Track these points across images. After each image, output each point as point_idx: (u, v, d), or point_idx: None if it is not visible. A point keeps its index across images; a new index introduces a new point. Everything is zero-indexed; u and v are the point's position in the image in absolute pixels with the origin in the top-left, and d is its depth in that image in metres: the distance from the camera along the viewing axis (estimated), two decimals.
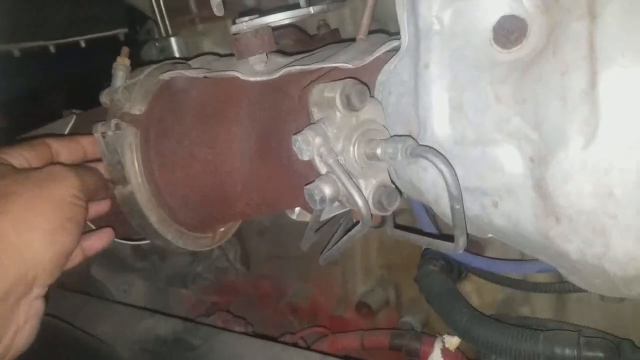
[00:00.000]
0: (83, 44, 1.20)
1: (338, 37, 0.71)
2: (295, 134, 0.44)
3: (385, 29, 0.67)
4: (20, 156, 0.47)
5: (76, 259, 0.51)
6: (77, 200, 0.44)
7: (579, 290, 0.44)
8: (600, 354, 0.56)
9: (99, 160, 0.58)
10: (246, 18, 0.51)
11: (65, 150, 0.53)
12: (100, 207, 0.57)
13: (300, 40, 0.66)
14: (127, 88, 0.58)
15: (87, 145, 0.55)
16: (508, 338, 0.60)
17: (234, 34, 0.52)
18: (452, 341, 0.74)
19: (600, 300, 0.56)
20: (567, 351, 0.57)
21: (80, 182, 0.45)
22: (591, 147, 0.32)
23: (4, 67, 0.67)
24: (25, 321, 0.42)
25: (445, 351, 0.74)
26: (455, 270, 0.76)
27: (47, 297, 0.44)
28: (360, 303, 0.95)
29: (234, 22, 0.52)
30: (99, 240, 0.54)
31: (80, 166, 0.52)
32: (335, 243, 0.56)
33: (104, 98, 0.59)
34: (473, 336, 0.63)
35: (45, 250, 0.41)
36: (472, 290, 0.82)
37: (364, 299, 0.95)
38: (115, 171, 0.57)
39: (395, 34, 0.57)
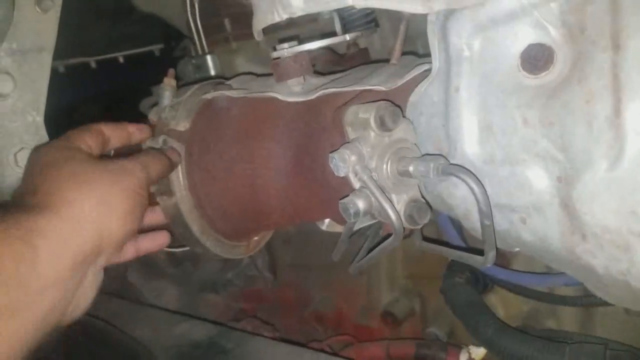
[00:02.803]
0: (121, 60, 1.28)
1: (367, 56, 0.74)
2: (331, 152, 0.47)
3: (412, 47, 0.70)
4: (84, 143, 0.54)
5: (128, 254, 0.57)
6: (142, 192, 0.52)
7: (605, 303, 0.45)
8: None
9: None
10: (286, 45, 0.54)
11: (115, 135, 0.59)
12: (155, 217, 0.63)
13: (332, 61, 0.69)
14: (172, 107, 0.62)
15: (133, 132, 0.61)
16: (534, 350, 0.61)
17: (274, 59, 0.55)
18: (478, 352, 0.75)
19: (625, 314, 0.57)
20: None
21: (146, 177, 0.53)
22: (616, 170, 0.34)
23: (51, 82, 0.73)
24: (89, 287, 0.49)
25: None
26: (481, 282, 0.77)
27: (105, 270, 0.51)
28: (385, 312, 0.96)
29: (274, 48, 0.55)
30: (153, 242, 0.60)
31: (149, 154, 0.57)
32: (366, 254, 0.58)
33: (152, 115, 0.64)
34: (499, 348, 0.64)
35: (118, 228, 0.48)
36: (498, 302, 0.83)
37: (389, 308, 0.96)
38: (161, 183, 0.61)
39: (424, 55, 0.59)
